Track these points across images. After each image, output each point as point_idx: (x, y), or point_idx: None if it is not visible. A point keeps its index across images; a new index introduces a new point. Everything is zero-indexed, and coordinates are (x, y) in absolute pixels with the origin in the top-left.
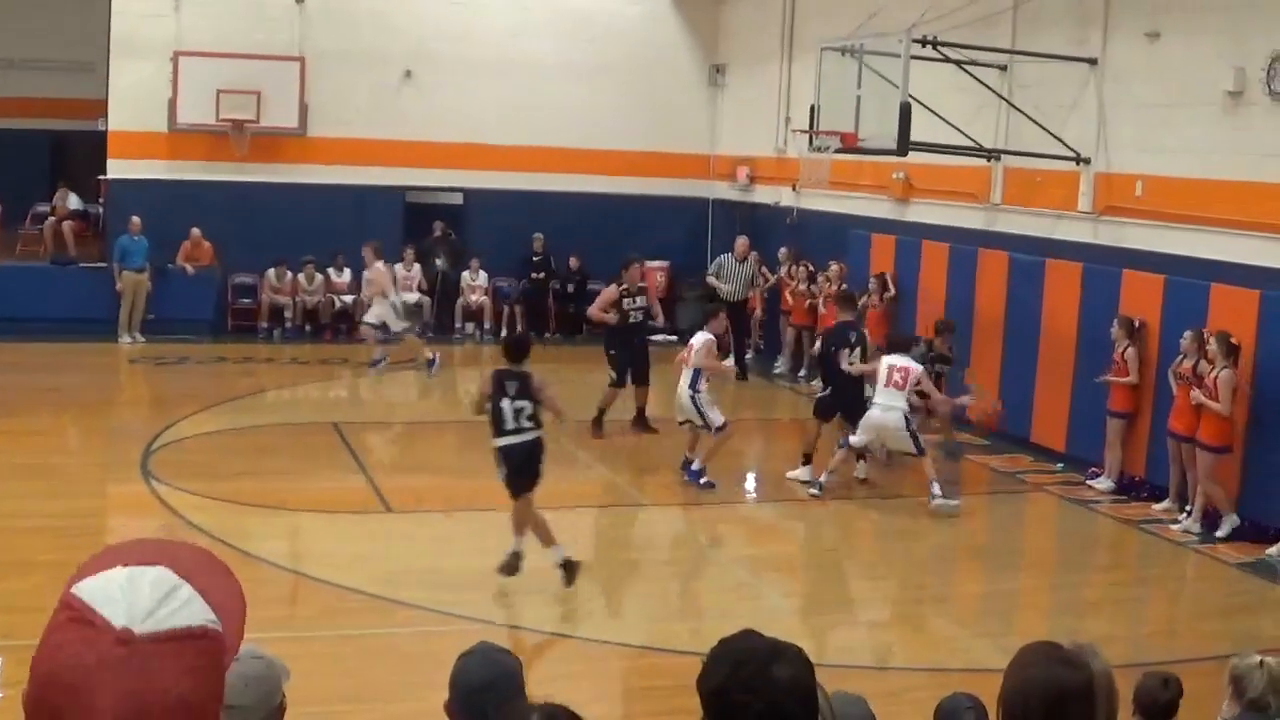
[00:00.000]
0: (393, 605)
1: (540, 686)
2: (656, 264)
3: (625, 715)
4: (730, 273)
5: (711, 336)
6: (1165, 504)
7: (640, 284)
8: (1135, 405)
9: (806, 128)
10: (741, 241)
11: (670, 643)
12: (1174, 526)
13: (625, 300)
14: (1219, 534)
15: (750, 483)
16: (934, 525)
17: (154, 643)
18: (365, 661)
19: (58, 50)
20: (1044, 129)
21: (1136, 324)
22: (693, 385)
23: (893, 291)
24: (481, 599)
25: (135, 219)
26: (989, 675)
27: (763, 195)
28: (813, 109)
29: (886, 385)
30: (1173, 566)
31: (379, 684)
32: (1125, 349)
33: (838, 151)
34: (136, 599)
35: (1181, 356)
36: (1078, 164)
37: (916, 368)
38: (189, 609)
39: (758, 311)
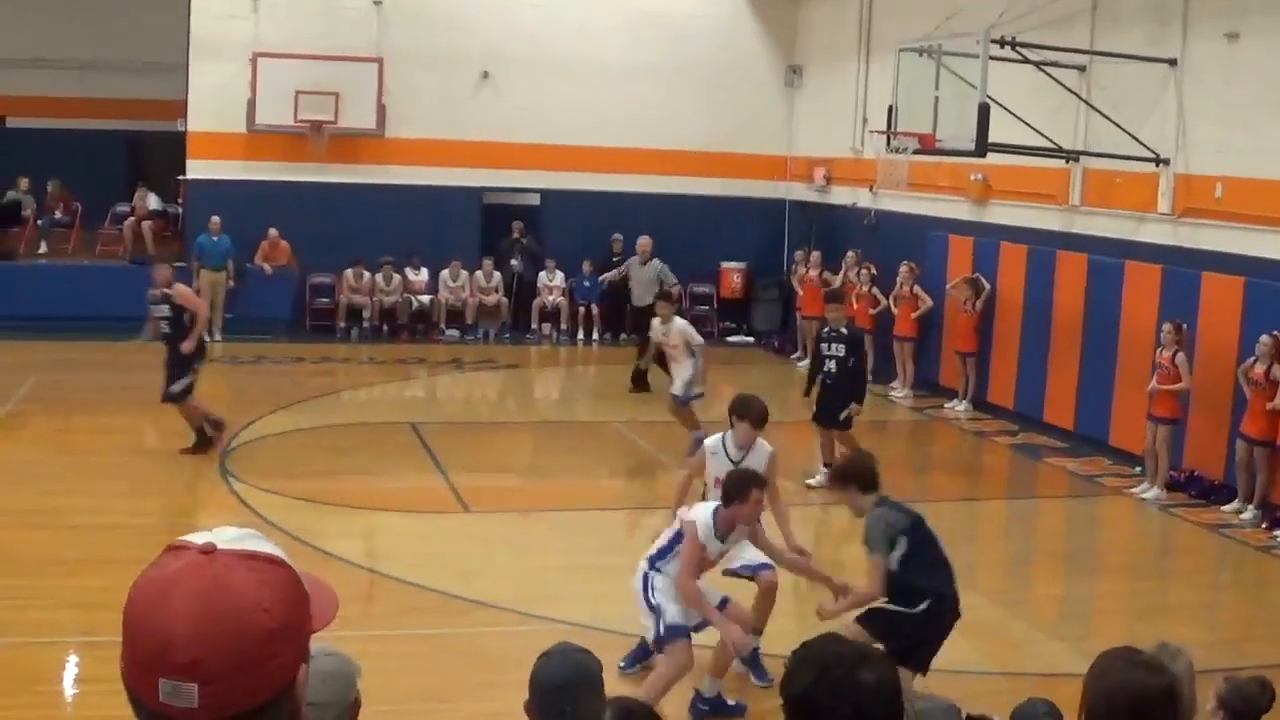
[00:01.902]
0: (470, 605)
1: (619, 687)
2: (733, 265)
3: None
4: (636, 275)
5: None
6: (1234, 505)
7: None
8: (1183, 410)
9: (884, 128)
10: (644, 241)
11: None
12: (1245, 529)
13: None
14: None
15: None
16: (1010, 528)
17: (235, 557)
18: (442, 661)
19: (137, 51)
20: (1123, 130)
21: (1184, 327)
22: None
23: (987, 288)
24: (559, 599)
25: (215, 219)
26: (1066, 680)
27: (839, 196)
28: (890, 110)
29: None
30: (1252, 571)
31: (456, 683)
32: (1175, 353)
33: (915, 152)
34: (223, 533)
35: (1254, 359)
36: (1157, 165)
37: None
38: (272, 546)
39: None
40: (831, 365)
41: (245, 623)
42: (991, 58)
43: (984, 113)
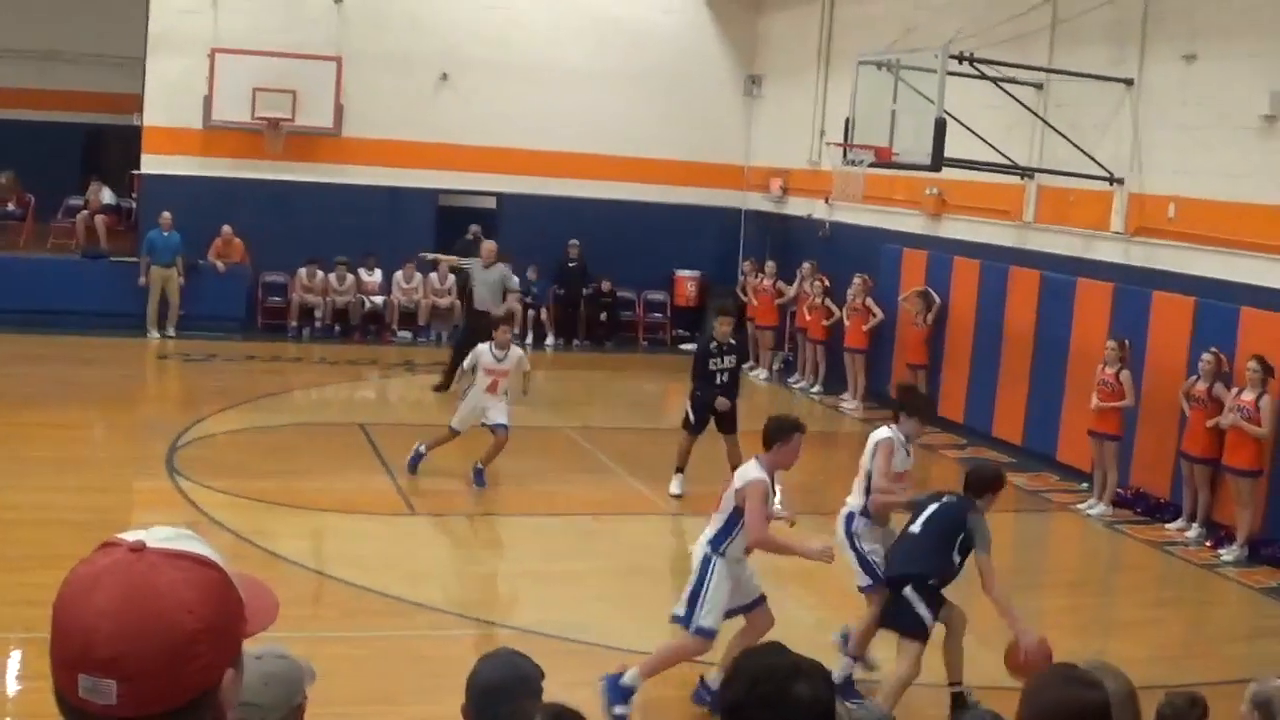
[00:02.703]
0: (415, 608)
1: (562, 693)
2: (688, 274)
3: None
4: (480, 278)
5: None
6: (1179, 523)
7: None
8: (1125, 427)
9: (841, 141)
10: (489, 246)
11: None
12: (1190, 547)
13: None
14: (1231, 556)
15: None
16: None
17: (164, 556)
18: (386, 664)
19: (96, 44)
20: (1078, 148)
21: (1128, 344)
22: None
23: (937, 302)
24: (505, 604)
25: (165, 214)
26: (1004, 693)
27: (796, 207)
28: (848, 122)
29: None
30: (1196, 589)
31: (399, 686)
32: (1120, 370)
33: (872, 165)
34: (157, 531)
35: (1196, 378)
36: (1111, 184)
37: None
38: (204, 547)
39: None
40: (725, 377)
41: (168, 623)
42: (950, 73)
43: (940, 127)
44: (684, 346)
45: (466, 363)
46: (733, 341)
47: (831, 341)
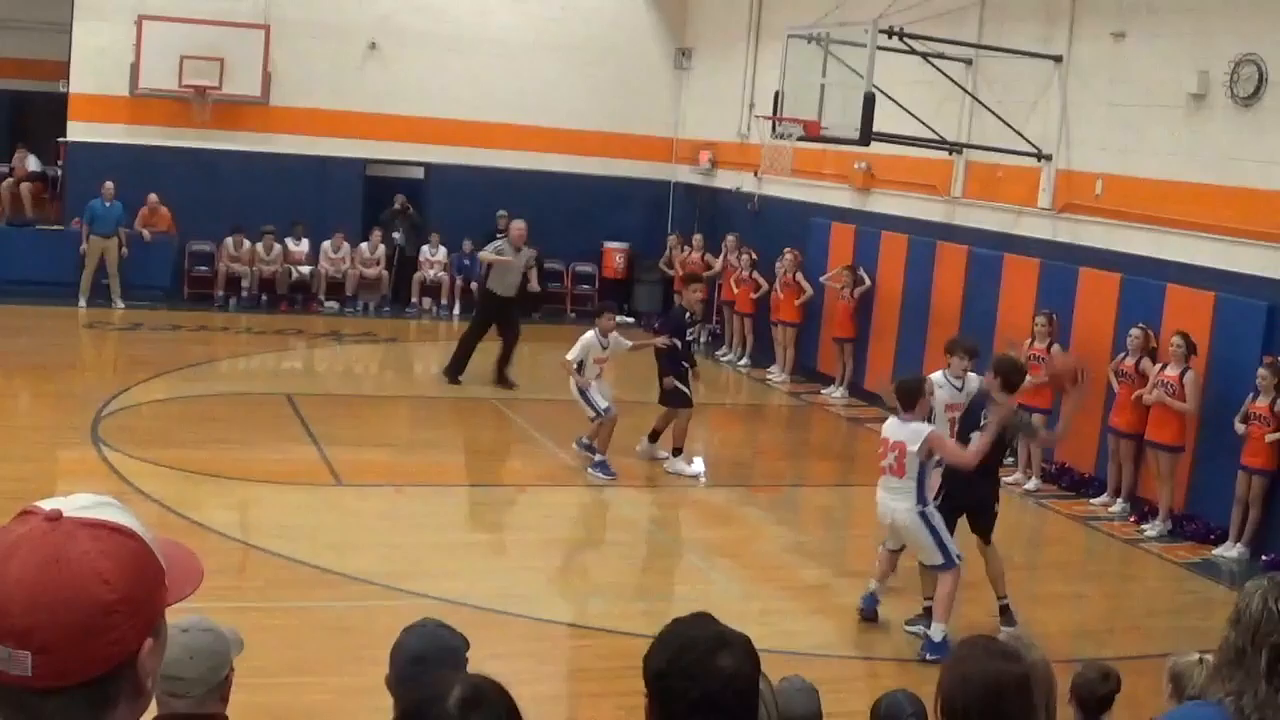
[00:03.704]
0: (340, 578)
1: (485, 664)
2: (616, 245)
3: (569, 694)
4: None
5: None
6: (1104, 498)
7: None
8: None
9: (770, 114)
10: (519, 226)
11: (619, 624)
12: (1114, 522)
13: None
14: (1154, 531)
15: (700, 466)
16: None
17: (80, 525)
18: (311, 634)
19: (20, 10)
20: (1007, 124)
21: (1056, 318)
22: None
23: (867, 283)
24: (430, 575)
25: (108, 184)
26: (923, 666)
27: (725, 180)
28: (777, 95)
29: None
30: (1119, 564)
31: (324, 657)
32: (1050, 344)
33: (800, 139)
34: (76, 499)
35: (1124, 354)
36: (1039, 160)
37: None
38: (124, 515)
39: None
40: (696, 347)
41: (82, 593)
42: (879, 48)
43: (869, 102)
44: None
45: (573, 355)
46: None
47: (758, 314)
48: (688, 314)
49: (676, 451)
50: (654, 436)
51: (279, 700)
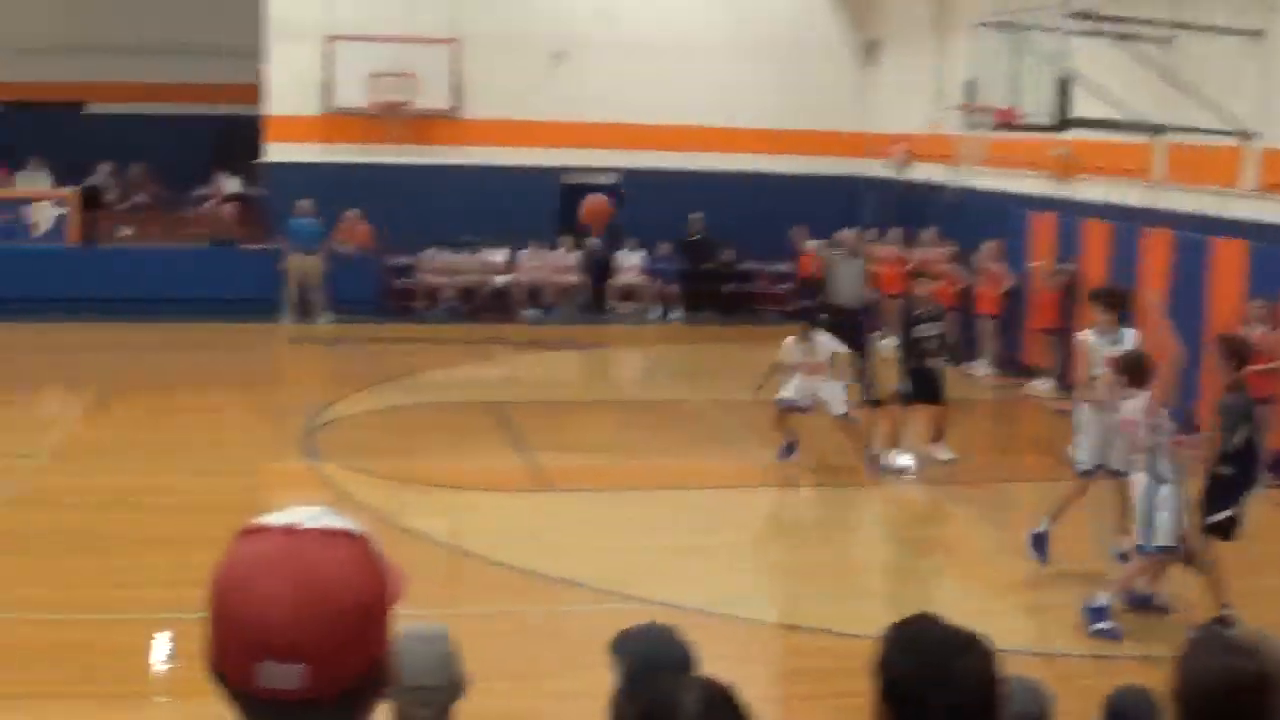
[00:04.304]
0: (551, 583)
1: (706, 667)
2: (811, 244)
3: (786, 697)
4: (843, 270)
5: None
6: None
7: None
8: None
9: (962, 104)
10: (850, 235)
11: (832, 624)
12: None
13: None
14: None
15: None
16: (1093, 505)
17: (319, 535)
18: (524, 639)
19: (217, 36)
20: (1208, 104)
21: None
22: None
23: (1073, 270)
24: (641, 578)
25: (305, 202)
26: (1151, 665)
27: (917, 174)
28: (968, 85)
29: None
30: None
31: (539, 662)
32: (1273, 328)
33: (995, 128)
34: (298, 512)
35: None
36: (1243, 140)
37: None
38: (347, 522)
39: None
40: (933, 344)
41: (339, 600)
42: (1072, 31)
43: (1064, 87)
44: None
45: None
46: (938, 305)
47: (960, 308)
48: (917, 309)
49: (893, 446)
50: (937, 437)
51: (495, 706)
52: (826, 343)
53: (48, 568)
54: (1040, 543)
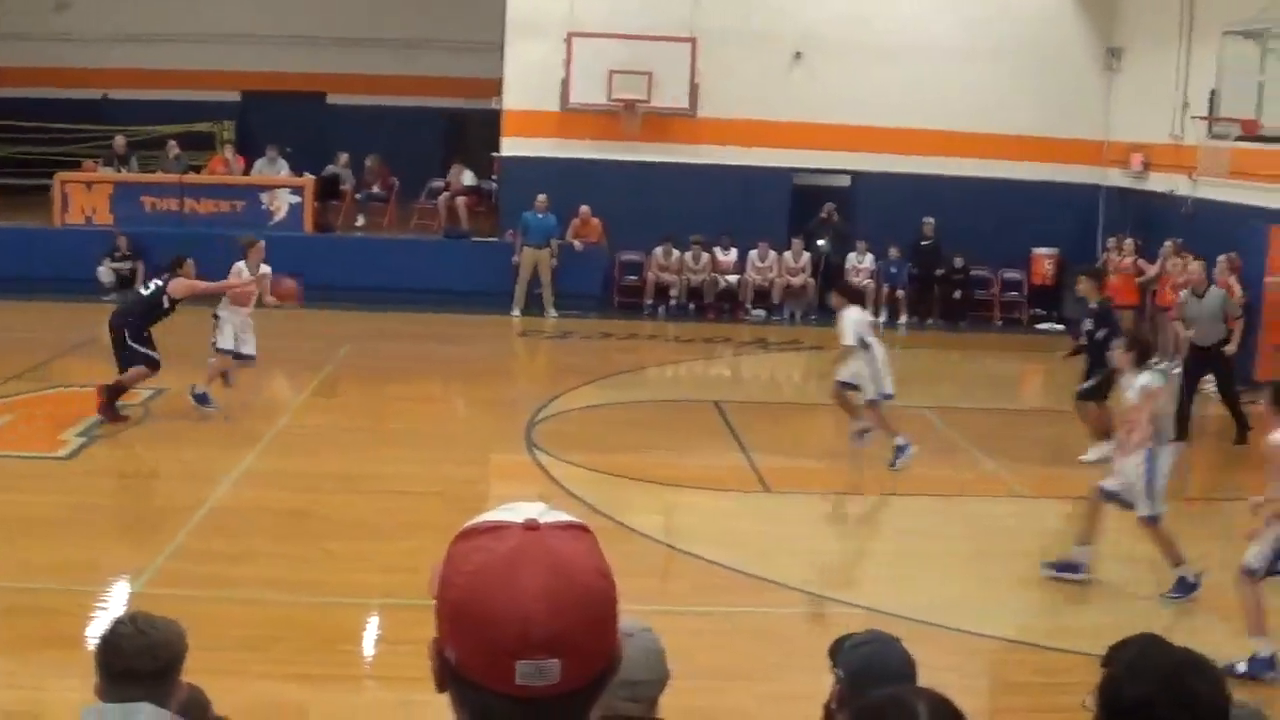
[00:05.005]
0: (765, 584)
1: (921, 677)
2: (1045, 251)
3: (999, 709)
4: (1194, 311)
5: None
6: None
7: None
8: None
9: (1206, 114)
10: (1195, 267)
11: (1047, 639)
12: None
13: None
14: None
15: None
16: None
17: (556, 528)
18: (735, 639)
19: (455, 30)
20: None
21: None
22: None
23: None
24: (856, 582)
25: (541, 197)
26: None
27: (1157, 183)
28: (1213, 94)
29: None
30: None
31: (750, 662)
32: None
33: (1238, 139)
34: (525, 508)
35: None
36: None
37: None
38: (572, 516)
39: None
40: (1084, 339)
41: (592, 591)
42: None
43: None
44: (1040, 326)
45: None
46: (1092, 304)
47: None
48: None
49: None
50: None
51: (704, 704)
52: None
53: (266, 549)
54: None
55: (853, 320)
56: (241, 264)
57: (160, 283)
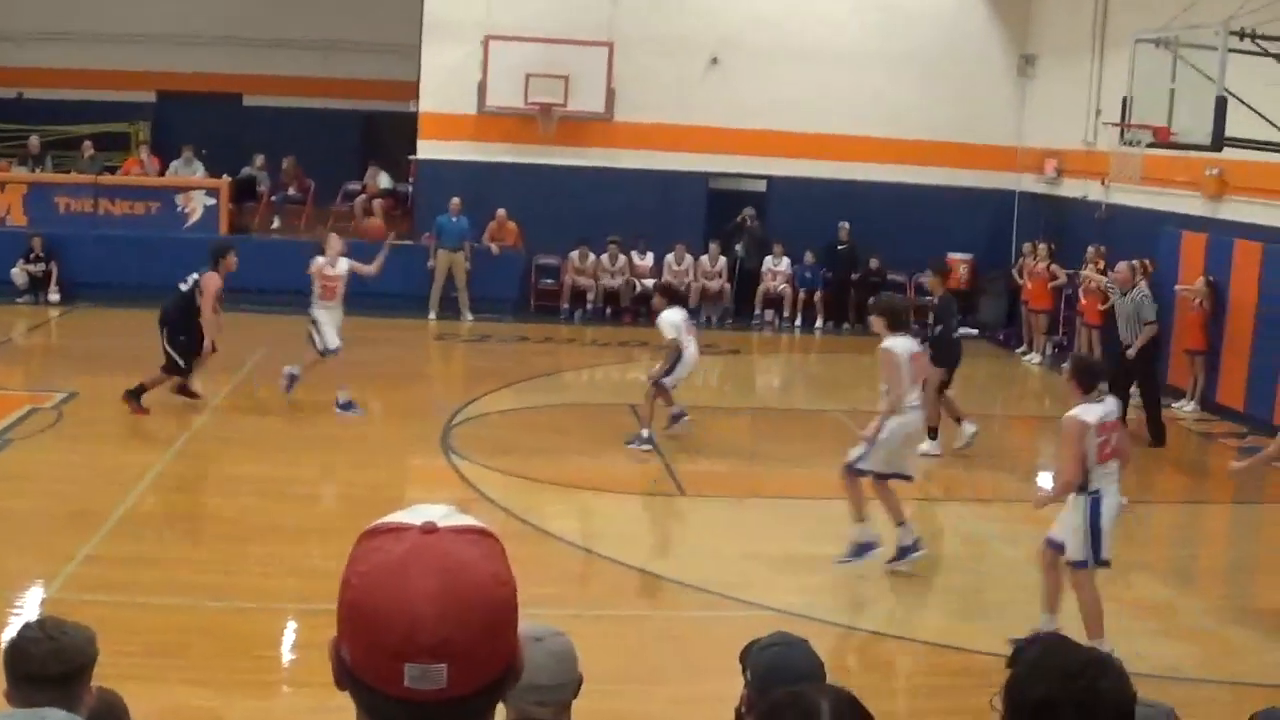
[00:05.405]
0: (680, 588)
1: (829, 678)
2: (960, 256)
3: (915, 711)
4: (1117, 307)
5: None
6: None
7: None
8: None
9: (1118, 121)
10: (1122, 269)
11: (965, 641)
12: None
13: None
14: None
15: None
16: (1234, 532)
17: (455, 533)
18: (650, 643)
19: (372, 33)
20: None
21: None
22: None
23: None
24: (769, 586)
25: (455, 200)
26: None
27: (1070, 189)
28: (1125, 101)
29: None
30: None
31: (664, 666)
32: None
33: (1149, 146)
34: (429, 510)
35: None
36: None
37: None
38: (476, 520)
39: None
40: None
41: (484, 596)
42: (1231, 50)
43: (1221, 106)
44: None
45: None
46: (933, 298)
47: (1106, 326)
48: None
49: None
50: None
51: (619, 708)
52: None
53: (180, 553)
54: None
55: (670, 321)
56: (321, 258)
57: (196, 277)
